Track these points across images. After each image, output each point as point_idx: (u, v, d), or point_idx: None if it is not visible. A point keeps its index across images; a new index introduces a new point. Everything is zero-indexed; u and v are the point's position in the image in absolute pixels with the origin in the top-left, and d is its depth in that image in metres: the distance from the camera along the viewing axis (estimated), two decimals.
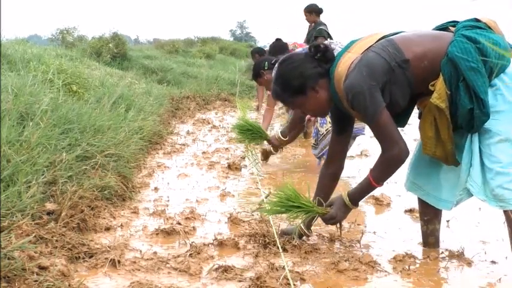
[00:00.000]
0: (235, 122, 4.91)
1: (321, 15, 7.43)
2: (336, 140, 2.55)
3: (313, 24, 7.40)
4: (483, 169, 2.23)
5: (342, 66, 2.25)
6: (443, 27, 2.34)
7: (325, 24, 7.34)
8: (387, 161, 2.24)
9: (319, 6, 7.39)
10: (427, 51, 2.19)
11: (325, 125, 4.53)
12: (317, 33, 7.24)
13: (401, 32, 2.33)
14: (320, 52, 2.31)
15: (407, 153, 2.22)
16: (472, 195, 2.32)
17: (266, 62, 4.82)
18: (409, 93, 2.24)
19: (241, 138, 4.58)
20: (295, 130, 4.52)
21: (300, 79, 2.30)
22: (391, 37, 2.27)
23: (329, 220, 2.44)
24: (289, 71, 2.33)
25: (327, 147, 4.47)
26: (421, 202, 2.56)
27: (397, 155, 2.20)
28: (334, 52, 2.39)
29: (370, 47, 2.24)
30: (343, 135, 2.54)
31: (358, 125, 4.44)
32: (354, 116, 2.41)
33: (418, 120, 2.37)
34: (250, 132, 4.50)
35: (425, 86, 2.20)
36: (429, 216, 2.55)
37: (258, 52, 7.62)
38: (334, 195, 2.55)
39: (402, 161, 2.23)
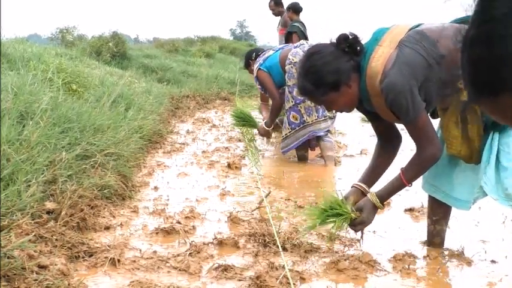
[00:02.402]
0: (233, 110, 5.53)
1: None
2: (375, 125, 2.46)
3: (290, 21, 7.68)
4: (498, 168, 2.21)
5: (376, 62, 2.14)
6: (463, 21, 2.28)
7: (301, 23, 7.45)
8: (424, 161, 2.20)
9: (299, 5, 7.73)
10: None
11: (311, 115, 4.66)
12: (289, 28, 7.40)
13: (421, 24, 2.23)
14: (349, 44, 2.18)
15: (442, 151, 2.19)
16: (486, 195, 2.30)
17: (254, 53, 5.23)
18: (440, 91, 2.17)
19: (236, 123, 5.23)
20: (276, 119, 4.95)
21: (335, 74, 2.15)
22: (421, 29, 2.17)
23: (359, 225, 2.31)
24: (322, 65, 2.16)
25: (295, 143, 4.71)
26: (432, 202, 2.52)
27: (434, 154, 2.17)
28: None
29: (401, 40, 2.14)
30: (379, 119, 2.39)
31: (303, 131, 4.66)
32: (379, 113, 2.30)
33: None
34: (242, 120, 5.11)
35: (453, 83, 2.13)
36: (438, 216, 2.53)
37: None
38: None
39: (437, 160, 2.20)
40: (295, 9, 7.67)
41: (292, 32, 7.30)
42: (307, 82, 2.20)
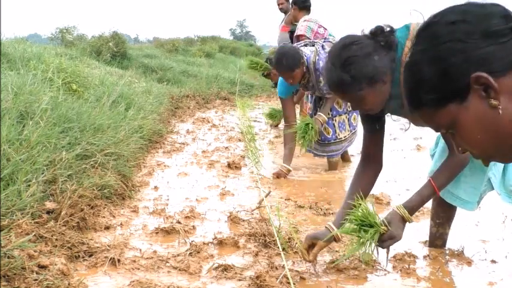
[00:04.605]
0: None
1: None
2: (369, 137, 2.30)
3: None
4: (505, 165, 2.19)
5: None
6: None
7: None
8: (457, 165, 2.13)
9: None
10: None
11: (344, 131, 4.40)
12: (292, 27, 7.23)
13: None
14: (385, 37, 1.97)
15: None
16: (493, 188, 2.28)
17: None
18: None
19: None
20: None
21: (375, 68, 1.94)
22: None
23: (388, 241, 2.09)
24: (363, 57, 1.94)
25: (335, 152, 4.42)
26: (437, 205, 2.50)
27: (467, 156, 2.09)
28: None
29: None
30: (376, 132, 2.29)
31: (335, 146, 4.40)
32: (407, 113, 2.13)
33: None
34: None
35: None
36: (442, 219, 2.52)
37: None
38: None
39: (468, 163, 2.14)
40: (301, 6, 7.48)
41: (293, 32, 7.21)
42: (345, 74, 1.95)
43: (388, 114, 2.23)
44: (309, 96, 4.58)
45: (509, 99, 0.94)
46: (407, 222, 2.13)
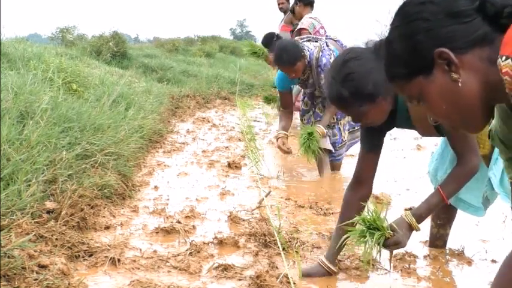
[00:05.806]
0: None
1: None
2: (367, 158, 2.26)
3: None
4: None
5: None
6: None
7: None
8: (468, 172, 2.08)
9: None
10: None
11: (347, 131, 4.35)
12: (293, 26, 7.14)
13: None
14: None
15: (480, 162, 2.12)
16: (493, 188, 2.27)
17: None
18: None
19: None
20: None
21: (376, 85, 1.91)
22: None
23: (393, 246, 2.06)
24: (364, 74, 1.92)
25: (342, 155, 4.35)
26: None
27: (477, 165, 2.07)
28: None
29: None
30: (374, 152, 2.25)
31: (340, 150, 4.32)
32: (416, 125, 2.11)
33: None
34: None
35: None
36: (443, 221, 2.52)
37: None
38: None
39: (477, 171, 2.10)
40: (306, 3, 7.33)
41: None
42: (344, 90, 1.93)
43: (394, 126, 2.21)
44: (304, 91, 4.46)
45: (470, 74, 1.04)
46: (414, 231, 2.08)
